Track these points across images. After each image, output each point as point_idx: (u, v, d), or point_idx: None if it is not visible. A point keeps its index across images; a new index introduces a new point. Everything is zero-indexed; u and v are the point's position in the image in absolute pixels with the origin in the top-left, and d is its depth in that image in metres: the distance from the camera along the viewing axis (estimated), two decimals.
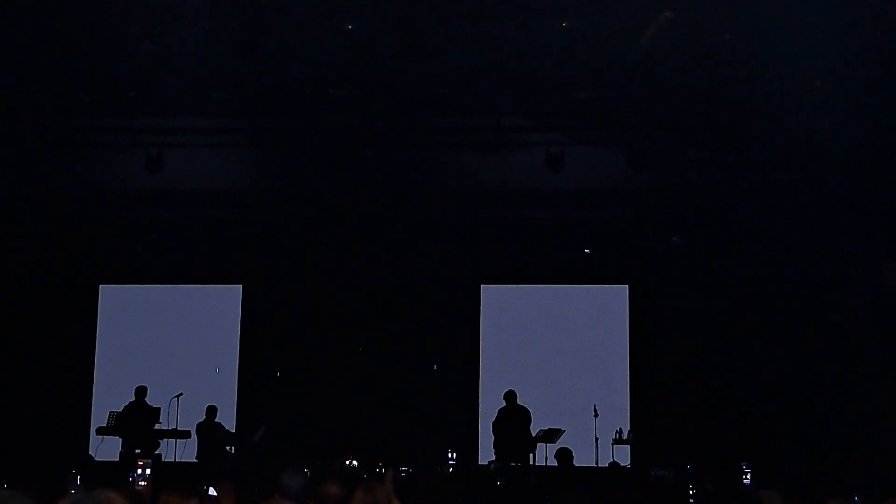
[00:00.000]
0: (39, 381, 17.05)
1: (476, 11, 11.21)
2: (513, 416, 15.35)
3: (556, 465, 13.50)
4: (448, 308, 17.48)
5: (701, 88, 12.72)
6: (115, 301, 17.98)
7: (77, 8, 11.03)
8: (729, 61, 11.84)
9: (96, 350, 17.73)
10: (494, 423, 15.45)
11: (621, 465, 15.37)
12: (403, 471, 12.92)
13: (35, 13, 11.12)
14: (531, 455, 15.08)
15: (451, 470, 14.31)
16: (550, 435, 15.24)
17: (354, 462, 13.78)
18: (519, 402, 15.52)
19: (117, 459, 14.61)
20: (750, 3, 10.80)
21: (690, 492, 11.33)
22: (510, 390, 15.63)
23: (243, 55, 11.23)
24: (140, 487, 9.10)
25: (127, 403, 15.18)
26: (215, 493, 7.03)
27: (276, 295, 17.62)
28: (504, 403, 15.51)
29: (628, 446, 15.95)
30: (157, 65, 12.28)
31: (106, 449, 14.97)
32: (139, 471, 9.72)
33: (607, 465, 15.29)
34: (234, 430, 16.20)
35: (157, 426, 15.12)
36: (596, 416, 15.84)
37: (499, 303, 17.82)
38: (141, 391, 15.22)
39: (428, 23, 11.20)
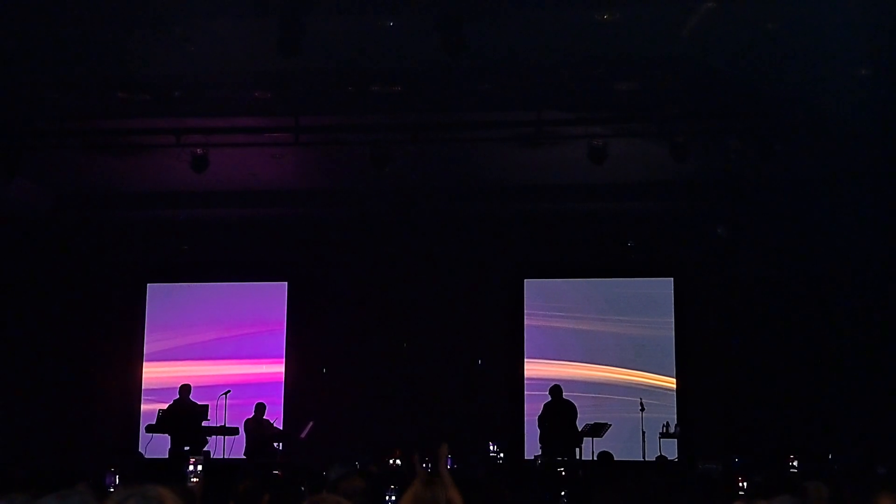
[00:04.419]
0: (89, 379, 17.28)
1: (516, 4, 11.20)
2: (558, 411, 15.33)
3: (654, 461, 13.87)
4: (492, 303, 17.48)
5: (743, 79, 12.60)
6: (162, 299, 18.18)
7: (121, 10, 11.15)
8: (771, 51, 11.71)
9: (144, 348, 17.94)
10: (540, 418, 15.44)
11: (668, 458, 15.30)
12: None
13: (80, 16, 11.25)
14: (577, 450, 15.06)
15: (497, 464, 14.29)
16: (596, 429, 15.21)
17: (398, 461, 13.79)
18: (564, 396, 15.51)
19: (166, 457, 14.76)
20: None
21: (739, 485, 11.24)
22: (555, 385, 15.62)
23: (285, 54, 11.28)
24: (192, 484, 9.19)
25: (171, 402, 15.33)
26: None
27: (322, 291, 17.72)
28: (549, 398, 15.51)
29: (675, 440, 15.88)
30: (201, 65, 12.41)
31: (154, 447, 15.13)
32: (190, 467, 9.82)
33: (654, 459, 15.23)
34: (281, 427, 16.33)
35: (205, 423, 15.26)
36: (642, 410, 15.81)
37: (542, 297, 17.80)
38: (185, 389, 15.36)
39: (468, 17, 11.20)
